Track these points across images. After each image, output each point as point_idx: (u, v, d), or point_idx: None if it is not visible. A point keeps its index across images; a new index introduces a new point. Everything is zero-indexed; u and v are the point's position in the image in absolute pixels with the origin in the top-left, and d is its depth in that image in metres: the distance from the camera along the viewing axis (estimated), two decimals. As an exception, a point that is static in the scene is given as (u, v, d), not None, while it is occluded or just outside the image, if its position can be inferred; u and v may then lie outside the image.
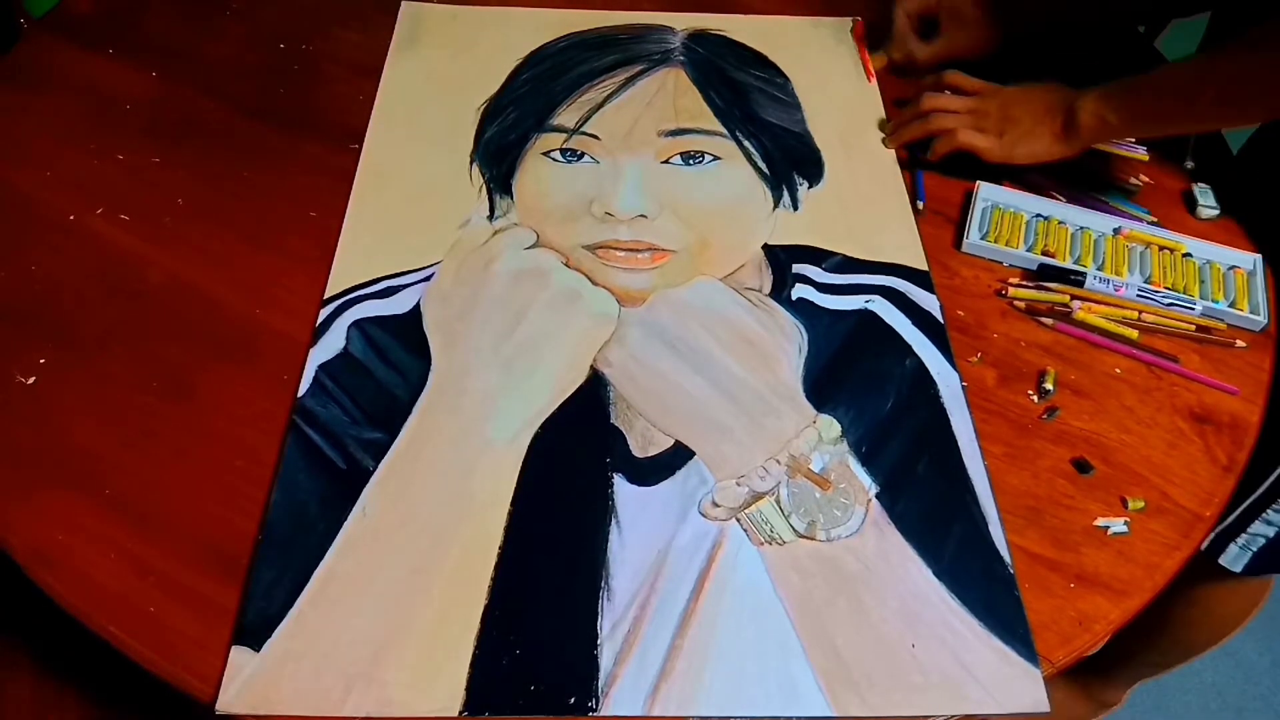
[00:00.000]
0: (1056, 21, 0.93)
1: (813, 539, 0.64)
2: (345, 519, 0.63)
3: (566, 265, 0.77)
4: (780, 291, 0.77)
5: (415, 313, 0.74)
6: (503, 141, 0.86)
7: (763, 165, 0.85)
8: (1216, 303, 0.77)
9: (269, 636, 0.58)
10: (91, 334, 0.73)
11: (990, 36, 0.92)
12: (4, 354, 0.71)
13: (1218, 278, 0.79)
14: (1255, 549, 0.79)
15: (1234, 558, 0.80)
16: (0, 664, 0.81)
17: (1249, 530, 0.78)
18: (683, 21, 0.98)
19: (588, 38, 0.95)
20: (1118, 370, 0.74)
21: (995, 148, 0.81)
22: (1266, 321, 0.77)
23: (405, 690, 0.57)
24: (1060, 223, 0.82)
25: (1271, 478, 0.75)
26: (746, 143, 0.86)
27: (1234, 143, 0.92)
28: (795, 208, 0.84)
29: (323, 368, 0.71)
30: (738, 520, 0.65)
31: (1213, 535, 0.79)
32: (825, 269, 0.79)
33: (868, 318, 0.76)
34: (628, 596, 0.61)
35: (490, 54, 0.94)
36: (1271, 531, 0.78)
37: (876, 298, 0.77)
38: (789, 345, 0.74)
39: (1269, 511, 0.77)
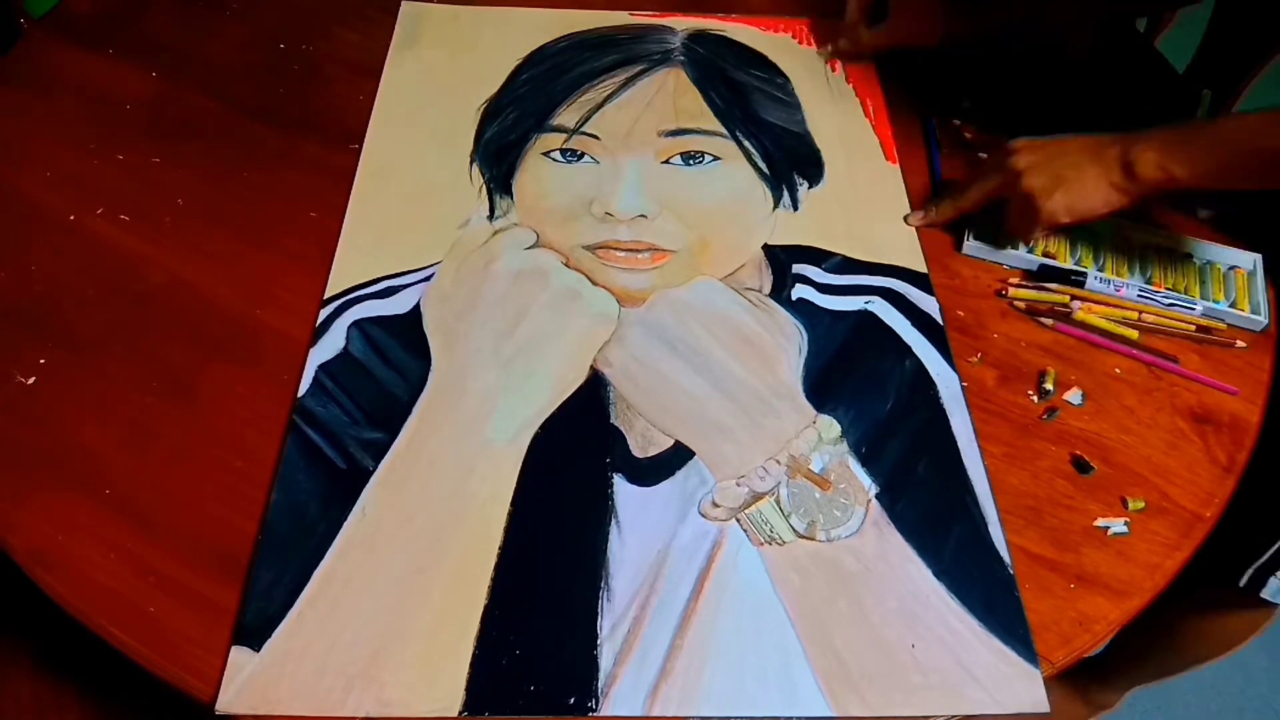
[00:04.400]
0: (1033, 10, 0.89)
1: (813, 539, 0.64)
2: (345, 519, 0.63)
3: (566, 265, 0.77)
4: (780, 292, 0.77)
5: (415, 313, 0.74)
6: (503, 141, 0.86)
7: (763, 165, 0.85)
8: (1217, 303, 0.77)
9: (269, 636, 0.58)
10: (91, 334, 0.73)
11: (938, 25, 0.89)
12: (4, 354, 0.71)
13: (1218, 278, 0.79)
14: None
15: (1276, 590, 0.78)
16: (0, 664, 0.81)
17: None
18: (683, 21, 0.98)
19: (588, 38, 0.95)
20: (1118, 370, 0.74)
21: (1053, 208, 0.74)
22: (1267, 322, 0.77)
23: (405, 690, 0.57)
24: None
25: None
26: (746, 143, 0.86)
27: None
28: (795, 208, 0.84)
29: (323, 368, 0.71)
30: (738, 520, 0.65)
31: (1251, 571, 0.78)
32: (825, 269, 0.79)
33: (867, 319, 0.76)
34: (628, 596, 0.61)
35: (490, 54, 0.94)
36: None
37: (876, 299, 0.77)
38: (789, 345, 0.74)
39: None
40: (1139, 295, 0.77)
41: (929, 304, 0.77)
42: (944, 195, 0.83)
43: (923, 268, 0.80)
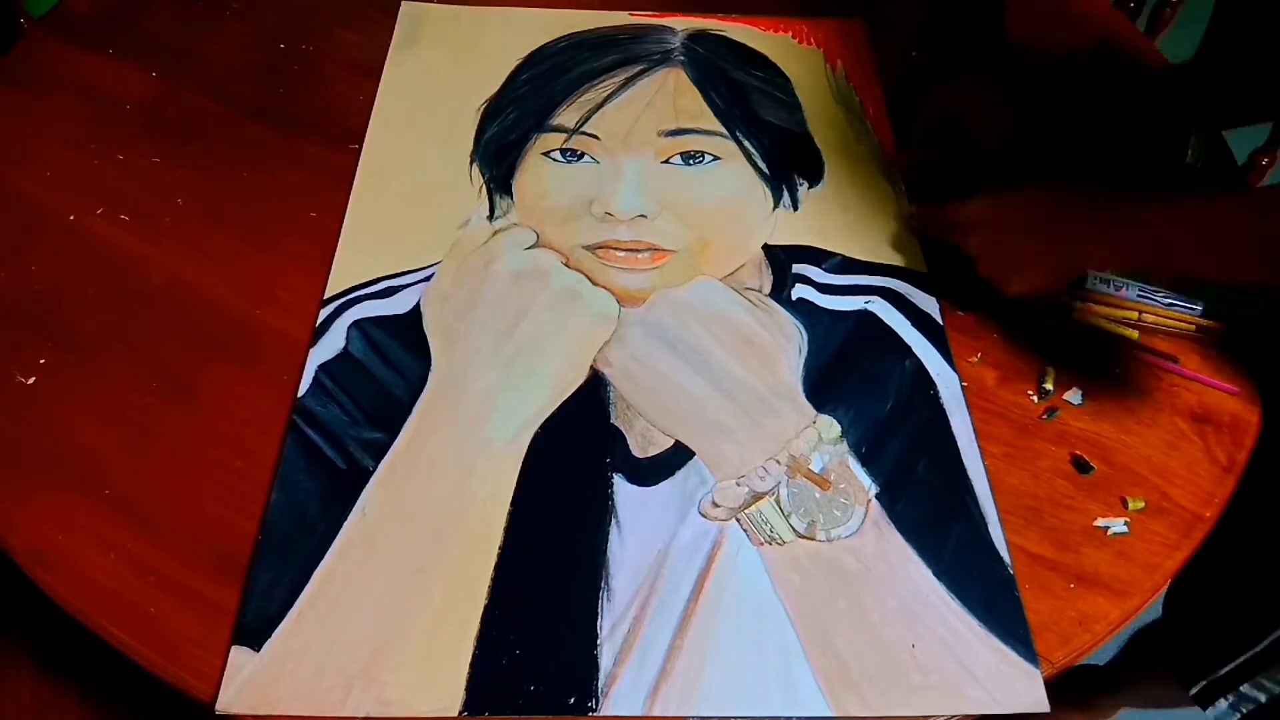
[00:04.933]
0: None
1: (813, 539, 0.64)
2: (345, 519, 0.63)
3: (566, 265, 0.77)
4: (780, 291, 0.77)
5: (415, 313, 0.74)
6: (503, 141, 0.86)
7: (763, 165, 0.85)
8: (1217, 303, 0.77)
9: (269, 636, 0.59)
10: (91, 334, 0.73)
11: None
12: (4, 354, 0.71)
13: (1218, 278, 0.79)
14: (1245, 711, 0.78)
15: (1222, 715, 0.79)
16: (0, 664, 0.81)
17: (1240, 690, 0.77)
18: (683, 21, 0.98)
19: (588, 38, 0.95)
20: (1118, 371, 0.74)
21: (1014, 291, 0.71)
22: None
23: (405, 690, 0.57)
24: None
25: (1269, 639, 0.74)
26: (746, 143, 0.86)
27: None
28: (795, 208, 0.84)
29: (323, 368, 0.71)
30: (738, 520, 0.65)
31: (1204, 684, 0.78)
32: (825, 269, 0.79)
33: (867, 318, 0.76)
34: (628, 596, 0.61)
35: (490, 54, 0.94)
36: (1263, 697, 0.76)
37: (876, 299, 0.77)
38: (789, 345, 0.74)
39: (1260, 678, 0.75)
40: (1139, 295, 0.77)
41: (929, 304, 0.77)
42: (934, 218, 0.79)
43: (923, 268, 0.80)
